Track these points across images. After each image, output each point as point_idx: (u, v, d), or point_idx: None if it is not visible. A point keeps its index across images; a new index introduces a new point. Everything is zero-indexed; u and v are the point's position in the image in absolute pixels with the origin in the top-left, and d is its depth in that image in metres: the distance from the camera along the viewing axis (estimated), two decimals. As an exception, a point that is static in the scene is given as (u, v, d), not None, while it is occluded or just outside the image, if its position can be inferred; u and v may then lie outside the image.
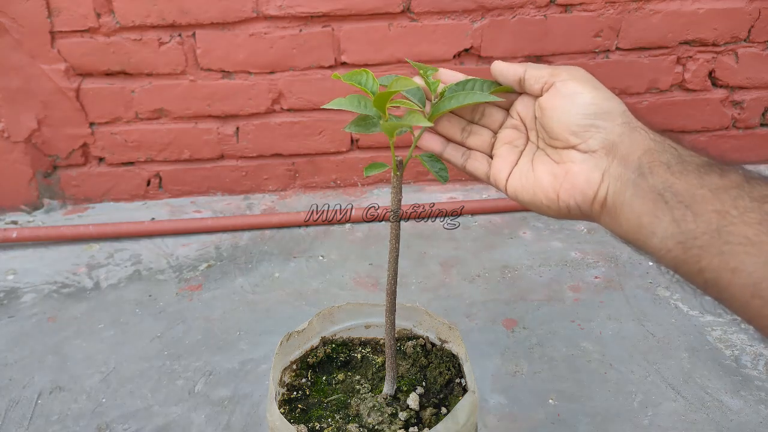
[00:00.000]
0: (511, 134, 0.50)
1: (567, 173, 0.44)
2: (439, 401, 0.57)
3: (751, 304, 0.33)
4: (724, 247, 0.34)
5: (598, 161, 0.43)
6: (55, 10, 1.20)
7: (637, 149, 0.41)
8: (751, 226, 0.34)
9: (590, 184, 0.43)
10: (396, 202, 0.51)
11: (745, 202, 0.35)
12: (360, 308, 0.65)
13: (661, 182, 0.38)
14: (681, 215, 0.37)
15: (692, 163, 0.38)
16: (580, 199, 0.43)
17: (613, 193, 0.41)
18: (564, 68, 0.46)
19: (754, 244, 0.33)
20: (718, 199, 0.35)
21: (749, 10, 1.31)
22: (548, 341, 0.94)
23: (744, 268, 0.33)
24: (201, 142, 1.37)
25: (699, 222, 0.36)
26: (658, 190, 0.38)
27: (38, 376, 0.90)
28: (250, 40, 1.26)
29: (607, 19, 1.30)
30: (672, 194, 0.37)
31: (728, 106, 1.42)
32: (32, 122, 1.30)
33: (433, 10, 1.26)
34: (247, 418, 0.81)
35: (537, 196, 0.46)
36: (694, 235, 0.36)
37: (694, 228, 0.36)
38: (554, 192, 0.45)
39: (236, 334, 0.98)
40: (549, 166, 0.46)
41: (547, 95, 0.46)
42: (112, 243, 1.26)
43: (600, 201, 0.43)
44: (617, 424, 0.79)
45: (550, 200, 0.45)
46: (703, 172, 0.37)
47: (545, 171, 0.46)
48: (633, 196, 0.40)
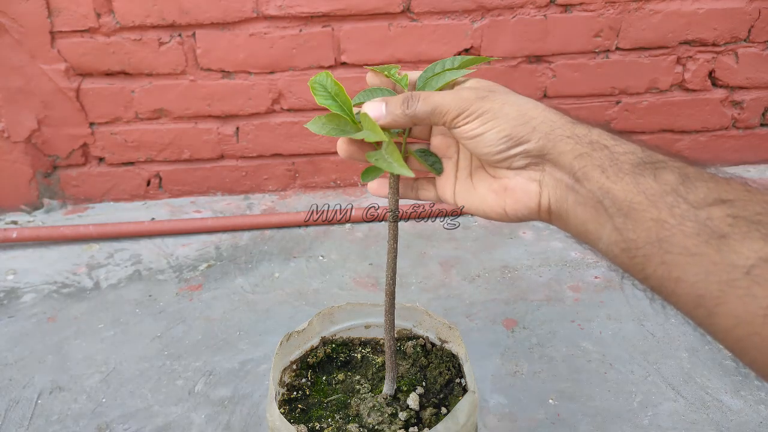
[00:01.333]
0: (441, 143, 0.50)
1: (506, 189, 0.44)
2: (439, 401, 0.57)
3: (695, 313, 0.33)
4: (665, 257, 0.34)
5: (530, 173, 0.43)
6: (55, 10, 1.20)
7: (568, 156, 0.40)
8: (689, 236, 0.33)
9: (530, 196, 0.43)
10: (394, 203, 0.51)
11: (681, 209, 0.34)
12: (360, 308, 0.65)
13: (598, 188, 0.38)
14: (621, 223, 0.36)
15: (626, 162, 0.38)
16: (526, 211, 0.43)
17: (555, 201, 0.41)
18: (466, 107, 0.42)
19: (693, 255, 0.33)
20: (655, 206, 0.35)
21: (749, 10, 1.31)
22: (548, 341, 0.94)
23: (686, 278, 0.33)
24: (201, 142, 1.37)
25: (639, 231, 0.35)
26: (597, 197, 0.38)
27: (38, 376, 0.90)
28: (250, 40, 1.26)
29: (607, 19, 1.30)
30: (611, 201, 0.37)
31: (728, 106, 1.42)
32: (32, 122, 1.30)
33: (433, 10, 1.26)
34: (247, 418, 0.81)
35: (486, 212, 0.46)
36: (636, 244, 0.36)
37: (635, 237, 0.36)
38: (500, 207, 0.45)
39: (236, 334, 0.98)
40: (488, 182, 0.46)
41: (458, 136, 0.44)
42: (112, 243, 1.26)
43: (545, 209, 0.42)
44: (617, 424, 0.79)
45: (500, 214, 0.45)
46: (637, 174, 0.36)
47: (486, 188, 0.46)
48: (575, 203, 0.40)
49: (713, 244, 0.32)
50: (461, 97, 0.42)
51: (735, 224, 0.32)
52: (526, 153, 0.42)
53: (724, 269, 0.31)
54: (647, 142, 0.40)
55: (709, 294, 0.32)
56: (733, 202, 0.33)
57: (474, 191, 0.47)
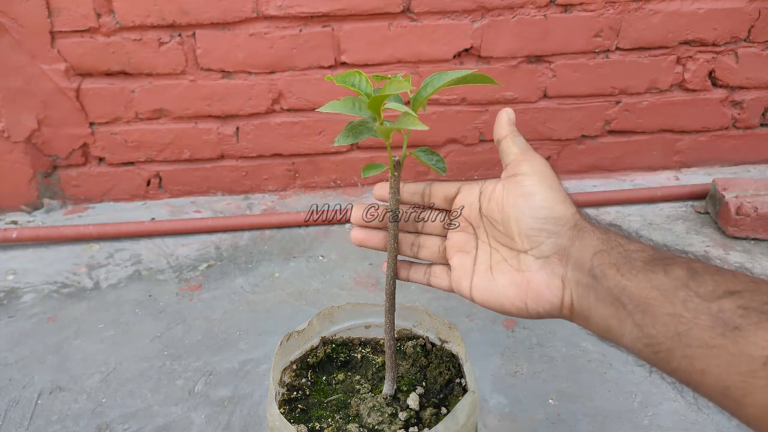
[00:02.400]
0: (459, 239, 0.50)
1: (529, 283, 0.44)
2: (439, 401, 0.57)
3: (725, 403, 0.34)
4: (687, 350, 0.35)
5: (554, 267, 0.43)
6: (55, 10, 1.20)
7: (588, 252, 0.41)
8: (705, 329, 0.34)
9: (554, 292, 0.43)
10: (394, 203, 0.51)
11: (694, 303, 0.35)
12: (360, 308, 0.65)
13: (615, 285, 0.39)
14: (641, 319, 0.37)
15: (638, 260, 0.39)
16: (548, 307, 0.43)
17: (577, 298, 0.42)
18: (529, 158, 0.46)
19: (712, 347, 0.33)
20: (670, 301, 0.36)
21: (749, 10, 1.31)
22: (548, 341, 0.94)
23: (710, 370, 0.34)
24: (201, 142, 1.37)
25: (658, 326, 0.36)
26: (614, 294, 0.39)
27: (38, 376, 0.90)
28: (250, 40, 1.26)
29: (607, 19, 1.30)
30: (628, 298, 0.38)
31: (728, 106, 1.42)
32: (32, 122, 1.30)
33: (433, 10, 1.26)
34: (247, 418, 0.81)
35: (505, 307, 0.46)
36: (657, 340, 0.36)
37: (655, 333, 0.36)
38: (521, 302, 0.45)
39: (236, 334, 0.98)
40: (509, 275, 0.46)
41: (507, 188, 0.46)
42: (112, 243, 1.26)
43: (567, 307, 0.43)
44: (617, 424, 0.79)
45: (520, 309, 0.45)
46: (649, 270, 0.38)
47: (507, 281, 0.46)
48: (595, 300, 0.40)
49: (729, 336, 0.33)
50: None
51: (746, 315, 0.33)
52: (558, 236, 0.43)
53: (743, 361, 0.32)
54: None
55: (734, 385, 0.33)
56: (741, 293, 0.34)
57: (494, 285, 0.46)
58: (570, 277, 0.42)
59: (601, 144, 1.45)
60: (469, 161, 1.45)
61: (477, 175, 1.47)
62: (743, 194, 1.22)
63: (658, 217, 1.31)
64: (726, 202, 1.22)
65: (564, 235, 0.42)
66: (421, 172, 1.45)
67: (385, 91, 0.44)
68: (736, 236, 1.21)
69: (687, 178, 1.45)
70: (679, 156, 1.48)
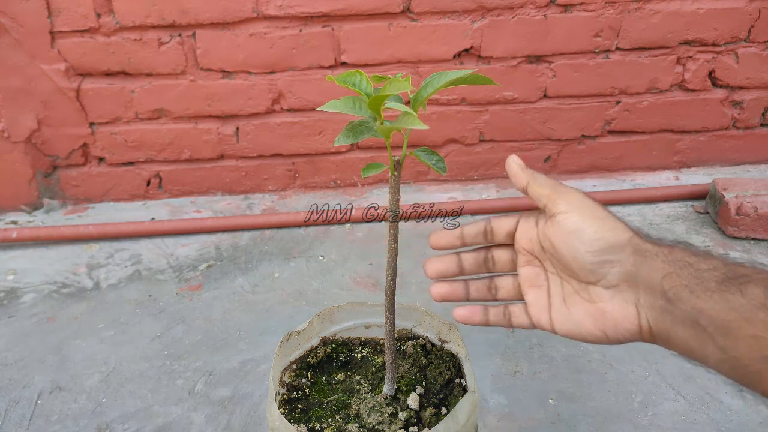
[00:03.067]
0: (529, 274, 0.50)
1: (604, 313, 0.44)
2: (439, 401, 0.57)
3: None
4: None
5: (625, 295, 0.43)
6: (55, 10, 1.20)
7: (657, 275, 0.40)
8: None
9: (629, 320, 0.43)
10: (394, 202, 0.51)
11: None
12: (360, 308, 0.65)
13: (691, 308, 0.38)
14: (723, 342, 0.37)
15: (711, 279, 0.38)
16: (627, 334, 0.43)
17: (655, 323, 0.41)
18: (562, 194, 0.45)
19: None
20: (751, 323, 0.36)
21: (749, 10, 1.31)
22: (548, 341, 0.94)
23: None
24: (201, 142, 1.37)
25: (741, 349, 0.36)
26: (692, 317, 0.38)
27: (38, 376, 0.90)
28: (250, 40, 1.26)
29: (607, 19, 1.30)
30: (707, 320, 0.38)
31: (728, 106, 1.42)
32: (32, 122, 1.30)
33: (433, 10, 1.26)
34: (247, 418, 0.81)
35: (586, 337, 0.46)
36: (743, 362, 0.36)
37: (739, 356, 0.36)
38: (600, 331, 0.45)
39: (236, 334, 0.98)
40: (583, 306, 0.46)
41: (552, 228, 0.45)
42: (112, 243, 1.26)
43: (646, 331, 0.42)
44: (617, 424, 0.79)
45: (599, 338, 0.45)
46: (724, 290, 0.37)
47: (582, 313, 0.45)
48: (673, 323, 0.40)
49: None
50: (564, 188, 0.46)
51: None
52: (621, 263, 0.42)
53: None
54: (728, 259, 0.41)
55: None
56: None
57: (571, 318, 0.46)
58: (643, 303, 0.42)
59: (601, 144, 1.45)
60: (469, 161, 1.45)
61: (477, 175, 1.47)
62: (743, 194, 1.22)
63: (658, 217, 1.31)
64: (726, 202, 1.22)
65: (626, 262, 0.42)
66: (421, 172, 1.45)
67: (385, 91, 0.44)
68: (736, 236, 1.21)
69: (687, 178, 1.45)
70: (679, 156, 1.48)
